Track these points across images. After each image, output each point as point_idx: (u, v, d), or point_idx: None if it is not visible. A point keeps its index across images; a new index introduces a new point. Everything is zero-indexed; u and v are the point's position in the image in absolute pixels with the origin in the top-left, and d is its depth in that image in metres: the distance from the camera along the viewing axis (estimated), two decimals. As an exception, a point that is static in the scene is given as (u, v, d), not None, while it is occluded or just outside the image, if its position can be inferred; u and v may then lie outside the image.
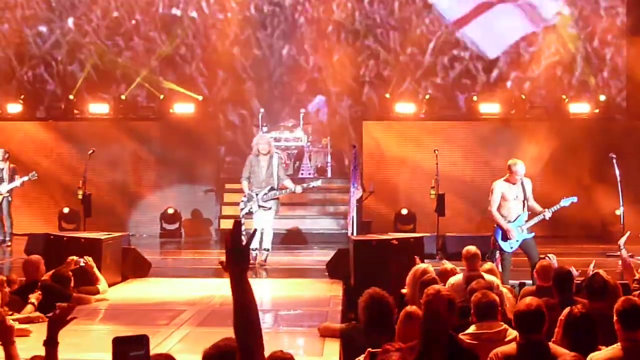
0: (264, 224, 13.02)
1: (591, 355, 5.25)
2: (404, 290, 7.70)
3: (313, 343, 7.46)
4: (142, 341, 3.26)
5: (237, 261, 3.50)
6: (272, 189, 13.08)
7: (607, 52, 20.07)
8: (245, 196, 13.21)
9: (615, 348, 5.28)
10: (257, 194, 13.02)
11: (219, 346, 4.19)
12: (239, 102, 20.21)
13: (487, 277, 8.54)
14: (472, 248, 8.96)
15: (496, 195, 11.42)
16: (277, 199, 13.22)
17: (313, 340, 7.56)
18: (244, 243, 3.53)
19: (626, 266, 8.70)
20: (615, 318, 5.38)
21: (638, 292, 7.04)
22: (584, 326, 5.48)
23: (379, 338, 5.84)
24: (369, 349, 5.30)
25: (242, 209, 13.12)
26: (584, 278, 7.14)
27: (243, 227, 12.22)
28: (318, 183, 13.89)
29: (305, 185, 13.57)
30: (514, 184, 11.42)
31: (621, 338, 5.33)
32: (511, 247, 11.40)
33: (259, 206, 13.00)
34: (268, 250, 13.09)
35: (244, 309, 3.46)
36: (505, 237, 11.37)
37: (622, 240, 9.13)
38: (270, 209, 13.07)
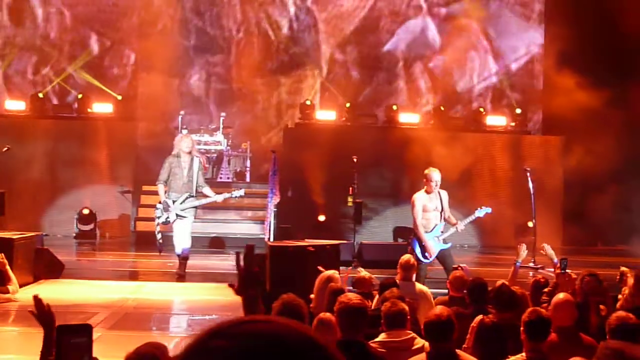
0: (182, 232, 12.48)
1: (498, 364, 5.39)
2: (312, 296, 7.74)
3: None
4: (85, 330, 3.31)
5: (252, 286, 3.56)
6: (190, 196, 12.47)
7: (524, 67, 20.56)
8: (160, 203, 12.52)
9: (520, 357, 5.41)
10: (174, 202, 12.39)
11: (140, 351, 4.16)
12: (159, 103, 20.03)
13: (419, 286, 8.68)
14: (409, 257, 9.07)
15: (418, 208, 11.57)
16: (196, 207, 12.74)
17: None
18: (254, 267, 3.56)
19: (513, 274, 8.85)
20: (521, 328, 5.51)
21: (546, 304, 7.20)
22: (494, 335, 5.60)
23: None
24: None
25: (158, 217, 12.47)
26: (491, 288, 7.28)
27: (159, 234, 12.19)
28: (241, 193, 13.32)
29: (227, 195, 13.02)
30: (430, 193, 11.60)
31: (526, 348, 5.46)
32: (428, 258, 11.59)
33: (177, 215, 12.37)
34: (186, 258, 12.54)
35: None
36: (424, 249, 11.56)
37: (522, 252, 9.27)
38: (186, 218, 12.47)
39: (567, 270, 8.29)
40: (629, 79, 17.40)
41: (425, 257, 11.53)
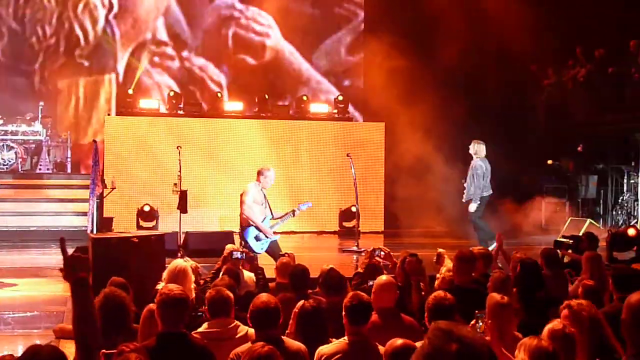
0: None
1: (320, 348, 5.48)
2: (159, 286, 7.64)
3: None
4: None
5: (80, 269, 3.74)
6: None
7: (345, 51, 21.02)
8: None
9: (342, 342, 5.52)
10: None
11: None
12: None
13: (247, 274, 8.69)
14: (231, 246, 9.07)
15: (250, 197, 11.61)
16: None
17: (48, 342, 7.32)
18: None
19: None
20: (343, 313, 5.63)
21: (363, 285, 7.40)
22: (315, 319, 5.70)
23: (116, 338, 5.76)
24: (103, 351, 5.21)
25: None
26: (320, 273, 7.40)
27: None
28: None
29: None
30: (263, 188, 11.73)
31: (348, 332, 5.58)
32: (262, 248, 11.66)
33: None
34: None
35: (85, 316, 3.68)
36: (257, 238, 11.61)
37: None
38: None
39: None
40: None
41: (258, 246, 11.59)
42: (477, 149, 14.09)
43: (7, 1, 19.70)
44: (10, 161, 17.53)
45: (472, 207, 13.95)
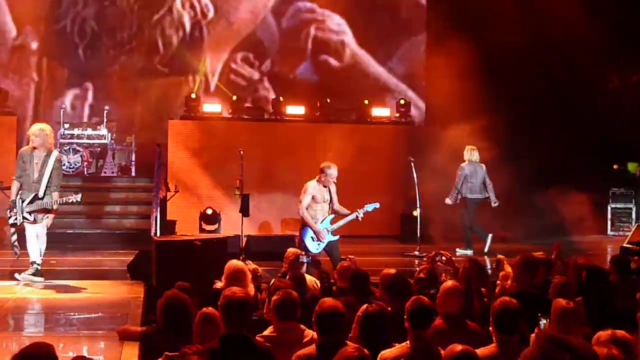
0: (32, 236, 11.21)
1: (382, 352, 5.44)
2: (219, 285, 7.67)
3: (112, 347, 7.31)
4: None
5: None
6: (36, 197, 11.10)
7: (407, 55, 20.89)
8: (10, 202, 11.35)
9: (404, 346, 5.49)
10: (23, 202, 11.10)
11: (25, 352, 4.04)
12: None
13: (310, 278, 8.70)
14: (293, 250, 9.08)
15: (308, 196, 11.63)
16: (48, 211, 11.21)
17: (112, 343, 7.41)
18: None
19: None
20: (405, 317, 5.59)
21: (425, 291, 7.34)
22: (377, 323, 5.67)
23: (177, 340, 5.79)
24: (166, 353, 5.24)
25: (9, 217, 11.25)
26: (384, 276, 7.35)
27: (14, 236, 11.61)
28: (78, 198, 11.42)
29: (64, 199, 11.28)
30: (325, 186, 11.70)
31: (410, 336, 5.55)
32: (317, 249, 11.65)
33: (23, 217, 11.11)
34: (35, 263, 11.23)
35: None
36: (314, 238, 11.61)
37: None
38: (34, 221, 11.15)
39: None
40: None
41: (314, 246, 11.59)
42: (464, 155, 15.69)
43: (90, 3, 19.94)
44: (76, 164, 17.80)
45: (447, 201, 15.65)
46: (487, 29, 17.68)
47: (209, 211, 17.36)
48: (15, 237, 11.50)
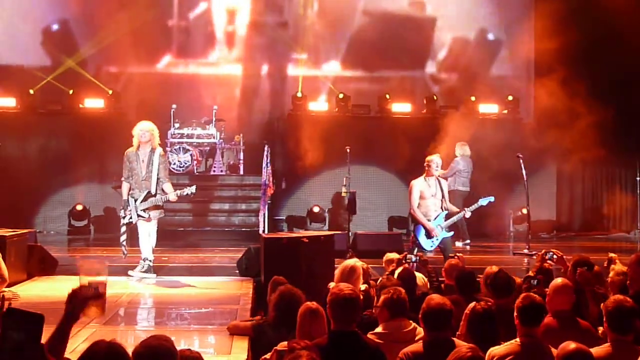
0: (144, 234, 11.59)
1: (491, 349, 5.37)
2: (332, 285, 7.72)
3: (222, 341, 7.43)
4: (34, 320, 3.34)
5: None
6: (149, 194, 11.43)
7: (515, 53, 20.49)
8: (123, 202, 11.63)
9: (514, 343, 5.41)
10: (135, 201, 11.47)
11: (150, 345, 4.13)
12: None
13: (418, 276, 8.65)
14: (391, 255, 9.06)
15: (415, 194, 11.62)
16: (159, 207, 11.60)
17: (222, 338, 7.53)
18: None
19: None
20: (515, 314, 5.51)
21: (534, 289, 7.18)
22: (486, 321, 5.60)
23: (288, 335, 5.85)
24: (276, 348, 5.29)
25: (122, 218, 11.64)
26: (488, 274, 7.25)
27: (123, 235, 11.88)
28: (192, 190, 11.62)
29: (179, 192, 11.47)
30: (431, 176, 11.64)
31: (520, 333, 5.47)
32: (431, 246, 11.60)
33: (138, 215, 11.47)
34: (147, 260, 11.62)
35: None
36: (428, 236, 11.56)
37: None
38: (149, 218, 11.49)
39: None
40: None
41: (428, 243, 11.55)
42: (456, 150, 16.31)
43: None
44: (186, 163, 18.15)
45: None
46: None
47: (316, 209, 17.49)
48: (125, 236, 11.80)
